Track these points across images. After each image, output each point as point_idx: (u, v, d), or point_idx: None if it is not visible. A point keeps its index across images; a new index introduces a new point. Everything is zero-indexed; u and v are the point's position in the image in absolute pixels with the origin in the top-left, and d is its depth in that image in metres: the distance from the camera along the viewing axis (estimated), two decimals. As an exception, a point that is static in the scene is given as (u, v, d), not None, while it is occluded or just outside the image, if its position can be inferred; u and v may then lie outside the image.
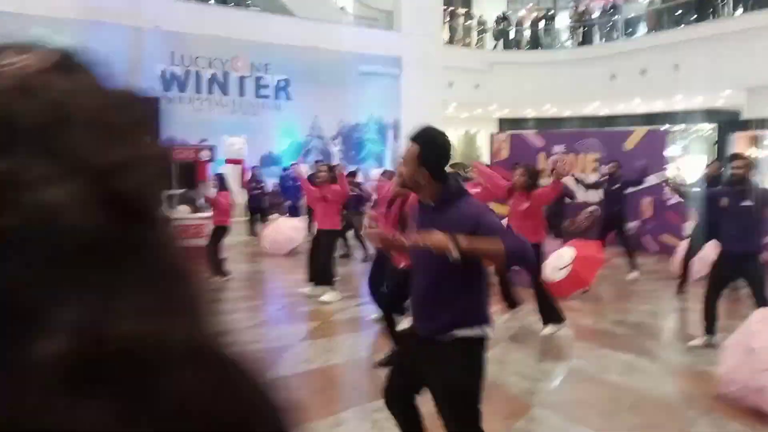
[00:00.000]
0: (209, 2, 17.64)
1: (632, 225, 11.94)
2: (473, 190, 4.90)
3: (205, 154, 11.16)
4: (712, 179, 7.37)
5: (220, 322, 0.40)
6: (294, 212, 13.27)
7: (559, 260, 7.15)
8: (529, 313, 6.74)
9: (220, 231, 8.97)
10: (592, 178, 11.14)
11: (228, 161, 14.32)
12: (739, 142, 17.51)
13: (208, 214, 10.71)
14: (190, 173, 12.11)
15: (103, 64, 0.43)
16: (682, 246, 9.18)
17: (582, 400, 4.26)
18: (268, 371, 0.40)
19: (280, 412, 0.40)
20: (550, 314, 5.67)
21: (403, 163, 2.65)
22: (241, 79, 16.41)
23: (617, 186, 9.06)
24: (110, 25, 14.34)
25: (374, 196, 7.89)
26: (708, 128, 23.32)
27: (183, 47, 15.54)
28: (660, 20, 19.62)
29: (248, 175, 13.64)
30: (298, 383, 4.51)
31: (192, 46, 15.63)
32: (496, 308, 6.91)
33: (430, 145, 2.59)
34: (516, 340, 5.65)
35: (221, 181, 9.22)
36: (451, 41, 21.74)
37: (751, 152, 16.08)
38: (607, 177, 9.43)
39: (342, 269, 8.45)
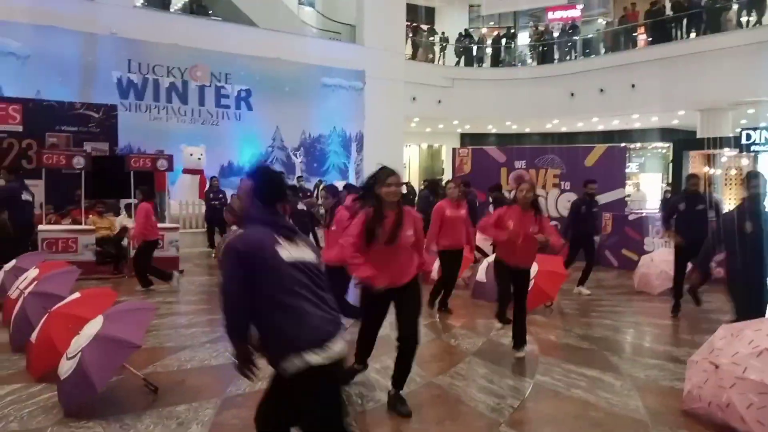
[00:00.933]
0: (170, 10, 17.32)
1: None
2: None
3: (162, 164, 10.82)
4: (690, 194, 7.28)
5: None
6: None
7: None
8: (493, 328, 6.66)
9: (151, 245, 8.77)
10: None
11: (186, 171, 13.99)
12: (693, 161, 17.95)
13: (168, 225, 10.47)
14: (148, 183, 11.76)
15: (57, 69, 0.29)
16: (643, 260, 9.28)
17: (548, 418, 4.17)
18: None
19: None
20: (501, 316, 5.74)
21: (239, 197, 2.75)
22: (201, 88, 16.10)
23: (595, 206, 8.79)
24: (64, 31, 13.93)
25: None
26: (664, 147, 23.90)
27: (140, 55, 15.18)
28: (617, 41, 20.08)
29: (207, 186, 13.31)
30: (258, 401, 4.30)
31: (150, 54, 15.29)
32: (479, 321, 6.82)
33: (262, 180, 2.69)
34: (481, 356, 5.55)
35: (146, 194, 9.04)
36: (414, 57, 21.83)
37: (706, 170, 16.49)
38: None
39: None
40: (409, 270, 4.15)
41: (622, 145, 18.40)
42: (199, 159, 14.43)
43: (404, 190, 4.11)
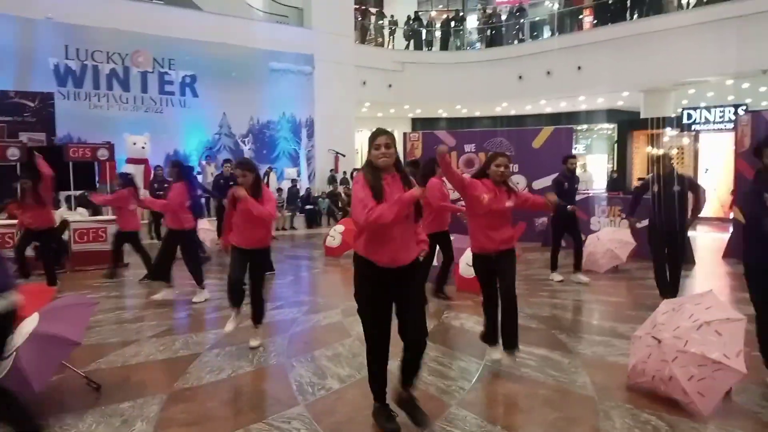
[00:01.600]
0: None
1: (540, 222, 12.26)
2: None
3: (102, 153, 10.45)
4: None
5: None
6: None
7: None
8: (443, 310, 6.69)
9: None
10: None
11: (129, 161, 13.56)
12: (637, 140, 18.41)
13: (108, 217, 10.13)
14: (88, 174, 11.37)
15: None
16: (590, 240, 9.47)
17: (499, 397, 4.21)
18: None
19: None
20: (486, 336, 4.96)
21: None
22: (144, 74, 15.60)
23: (576, 182, 8.76)
24: (-4, 15, 13.24)
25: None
26: (609, 127, 24.42)
27: (79, 40, 14.60)
28: (563, 23, 20.33)
29: (151, 176, 12.92)
30: (207, 394, 4.21)
31: (89, 39, 14.72)
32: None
33: None
34: (432, 339, 5.57)
35: (128, 182, 8.70)
36: (363, 40, 21.65)
37: (648, 150, 16.96)
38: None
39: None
40: (410, 247, 3.56)
41: (569, 126, 18.78)
42: (143, 148, 13.99)
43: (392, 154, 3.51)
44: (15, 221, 9.59)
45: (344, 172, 18.67)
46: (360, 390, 4.12)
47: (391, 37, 22.65)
